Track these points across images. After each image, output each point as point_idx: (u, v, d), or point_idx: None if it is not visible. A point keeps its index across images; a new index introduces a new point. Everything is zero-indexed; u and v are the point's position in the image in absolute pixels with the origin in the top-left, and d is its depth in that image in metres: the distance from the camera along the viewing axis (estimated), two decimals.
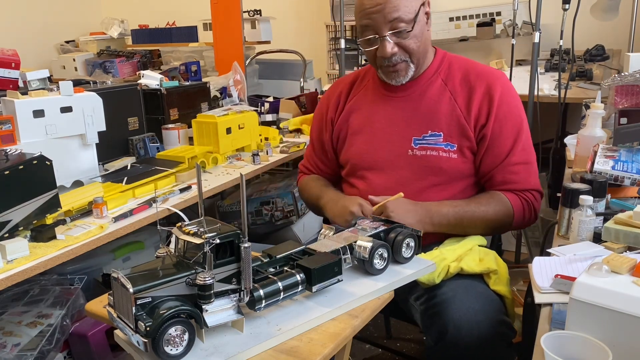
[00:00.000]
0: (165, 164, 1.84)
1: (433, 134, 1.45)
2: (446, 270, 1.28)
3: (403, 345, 2.26)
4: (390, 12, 1.36)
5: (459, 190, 1.47)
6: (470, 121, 1.43)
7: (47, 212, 1.39)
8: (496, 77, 1.47)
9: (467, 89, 1.46)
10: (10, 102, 1.57)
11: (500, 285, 1.32)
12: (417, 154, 1.46)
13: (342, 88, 1.64)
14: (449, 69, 1.50)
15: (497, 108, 1.43)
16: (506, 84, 1.48)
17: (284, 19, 4.10)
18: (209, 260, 0.89)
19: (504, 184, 1.45)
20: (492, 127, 1.43)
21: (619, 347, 0.75)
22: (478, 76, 1.47)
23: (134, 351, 0.92)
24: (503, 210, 1.43)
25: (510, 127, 1.44)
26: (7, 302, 1.81)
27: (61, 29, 4.58)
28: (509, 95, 1.46)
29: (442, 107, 1.46)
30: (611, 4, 2.72)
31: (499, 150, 1.44)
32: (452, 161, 1.44)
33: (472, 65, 1.51)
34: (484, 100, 1.43)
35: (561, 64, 2.60)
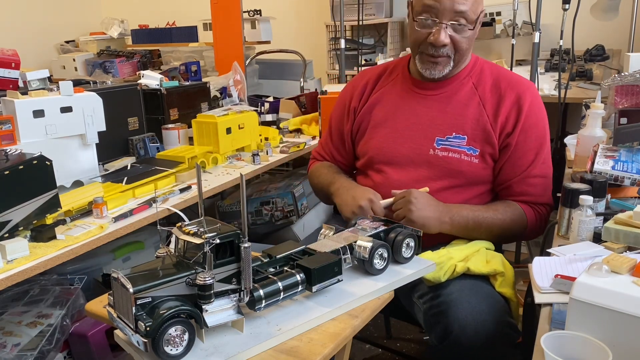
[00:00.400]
0: (165, 164, 1.84)
1: (457, 136, 1.45)
2: (453, 269, 1.28)
3: (403, 345, 2.26)
4: (459, 3, 1.35)
5: (475, 195, 1.47)
6: (496, 128, 1.44)
7: (47, 212, 1.39)
8: (526, 87, 1.47)
9: (497, 96, 1.46)
10: (10, 102, 1.57)
11: (506, 287, 1.32)
12: (438, 155, 1.46)
13: (369, 78, 1.63)
14: (481, 73, 1.50)
15: (525, 118, 1.43)
16: (535, 95, 1.48)
17: (284, 19, 4.10)
18: (209, 260, 0.89)
19: (521, 195, 1.46)
20: (517, 137, 1.43)
21: (619, 347, 0.75)
22: (509, 84, 1.47)
23: (134, 351, 0.92)
24: (518, 221, 1.44)
25: (535, 138, 1.45)
26: (7, 302, 1.81)
27: (61, 29, 4.58)
28: (537, 106, 1.46)
29: (469, 111, 1.46)
30: (611, 4, 2.72)
31: (521, 161, 1.44)
32: (472, 166, 1.44)
33: (504, 73, 1.52)
34: (512, 109, 1.44)
35: (561, 64, 2.60)
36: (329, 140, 1.73)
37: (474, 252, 1.36)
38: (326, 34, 3.85)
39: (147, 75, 2.32)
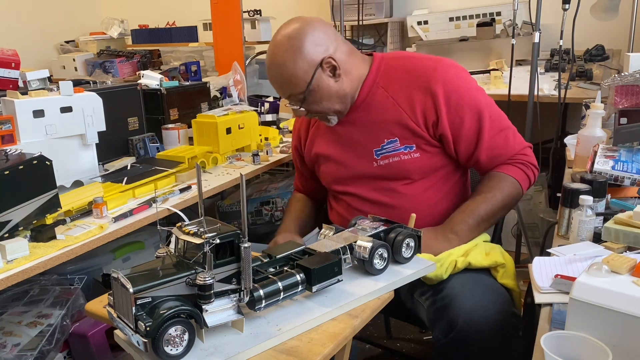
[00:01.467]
0: (165, 164, 1.84)
1: (390, 141, 1.46)
2: (453, 265, 1.30)
3: (403, 345, 2.26)
4: (283, 89, 1.44)
5: (435, 181, 1.48)
6: (419, 122, 1.43)
7: (47, 212, 1.39)
8: (433, 71, 1.43)
9: (407, 92, 1.44)
10: (10, 102, 1.57)
11: (508, 278, 1.35)
12: (381, 164, 1.48)
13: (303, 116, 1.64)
14: (386, 75, 1.48)
15: (446, 103, 1.40)
16: (446, 74, 1.43)
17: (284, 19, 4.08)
18: (209, 260, 0.89)
19: (492, 161, 1.46)
20: (448, 122, 1.41)
21: (619, 347, 0.75)
22: (415, 75, 1.44)
23: (134, 351, 0.92)
24: (508, 186, 1.43)
25: (469, 111, 1.42)
26: (7, 302, 1.81)
27: (61, 29, 4.58)
28: (453, 83, 1.42)
29: (388, 115, 1.46)
30: (611, 4, 2.72)
31: (467, 137, 1.43)
32: (416, 161, 1.45)
33: (409, 63, 1.49)
34: (426, 100, 1.42)
35: (561, 64, 2.60)
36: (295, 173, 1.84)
37: (473, 246, 1.37)
38: None
39: (147, 75, 2.32)
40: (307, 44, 1.37)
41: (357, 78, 1.48)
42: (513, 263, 1.37)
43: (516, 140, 1.47)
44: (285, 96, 1.46)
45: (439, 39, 3.38)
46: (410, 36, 3.55)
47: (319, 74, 1.39)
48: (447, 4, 3.55)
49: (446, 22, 3.41)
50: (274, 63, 1.40)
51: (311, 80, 1.39)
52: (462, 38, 3.27)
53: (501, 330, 1.21)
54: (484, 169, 1.48)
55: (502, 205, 1.42)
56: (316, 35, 1.39)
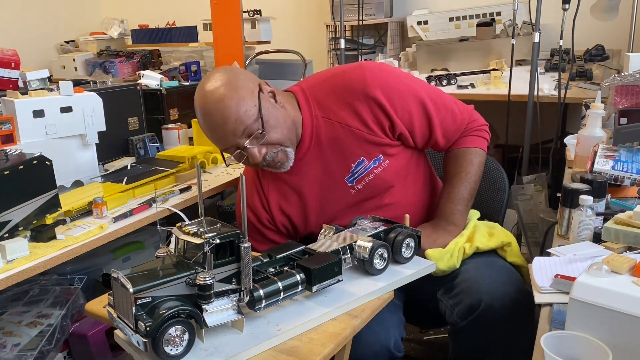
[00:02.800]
0: (165, 164, 1.84)
1: (357, 164, 1.41)
2: (462, 252, 1.34)
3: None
4: (236, 129, 1.27)
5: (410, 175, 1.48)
6: (374, 131, 1.39)
7: (47, 212, 1.39)
8: (362, 78, 1.38)
9: (349, 108, 1.39)
10: (10, 102, 1.57)
11: (515, 256, 1.40)
12: (358, 188, 1.43)
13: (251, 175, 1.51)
14: (319, 103, 1.42)
15: (390, 102, 1.38)
16: (376, 77, 1.39)
17: (284, 19, 4.10)
18: (209, 260, 0.89)
19: (448, 140, 1.49)
20: (399, 119, 1.39)
21: (619, 347, 0.75)
22: (347, 90, 1.39)
23: (134, 351, 0.92)
24: (474, 157, 1.47)
25: (412, 101, 1.40)
26: (7, 302, 1.81)
27: (61, 29, 4.57)
28: (386, 82, 1.39)
29: (343, 139, 1.40)
30: (611, 4, 2.72)
31: (420, 126, 1.43)
32: (388, 168, 1.43)
33: (332, 81, 1.43)
34: (371, 107, 1.38)
35: (561, 64, 2.60)
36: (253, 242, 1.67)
37: (472, 229, 1.41)
38: (326, 34, 3.85)
39: (147, 75, 2.32)
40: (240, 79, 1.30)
41: (295, 114, 1.40)
42: (515, 240, 1.42)
43: (462, 112, 1.48)
44: (238, 136, 1.28)
45: (439, 39, 3.38)
46: (410, 36, 3.55)
47: (264, 99, 1.31)
48: (447, 4, 3.55)
49: (446, 22, 3.41)
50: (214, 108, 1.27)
51: (260, 107, 1.29)
52: (462, 38, 3.27)
53: (519, 309, 1.25)
54: (444, 148, 1.51)
55: (477, 178, 1.47)
56: (242, 71, 1.38)
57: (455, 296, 1.32)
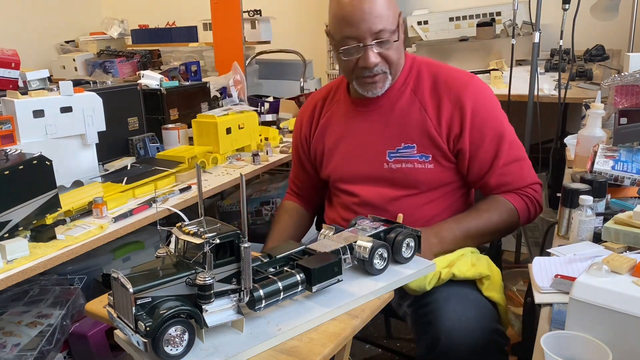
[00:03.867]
0: (165, 164, 1.84)
1: (406, 146, 1.43)
2: (437, 277, 1.26)
3: (403, 345, 2.26)
4: (375, 22, 1.32)
5: (438, 196, 1.46)
6: (441, 133, 1.41)
7: (47, 212, 1.39)
8: (465, 85, 1.42)
9: (436, 100, 1.42)
10: (10, 102, 1.57)
11: (493, 291, 1.30)
12: (392, 167, 1.44)
13: (315, 104, 1.63)
14: (418, 77, 1.46)
15: (472, 118, 1.39)
16: (477, 91, 1.43)
17: (284, 19, 4.10)
18: (209, 260, 0.89)
19: (499, 187, 1.44)
20: (469, 138, 1.40)
21: (619, 347, 0.75)
22: (446, 85, 1.42)
23: (134, 351, 0.92)
24: (506, 212, 1.41)
25: (491, 132, 1.41)
26: (7, 302, 1.81)
27: (61, 29, 4.58)
28: (482, 101, 1.42)
29: (412, 119, 1.43)
30: (611, 4, 2.72)
31: (484, 157, 1.41)
32: (429, 172, 1.43)
33: (442, 72, 1.46)
34: (454, 112, 1.40)
35: (561, 64, 2.60)
36: (294, 168, 1.76)
37: (459, 256, 1.33)
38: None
39: (147, 75, 2.32)
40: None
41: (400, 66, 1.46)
42: (500, 275, 1.33)
43: (529, 173, 1.46)
44: (370, 32, 1.33)
45: (439, 39, 3.38)
46: (410, 36, 3.55)
47: (400, 22, 1.39)
48: (447, 4, 3.55)
49: (446, 22, 3.41)
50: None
51: (398, 22, 1.37)
52: (462, 38, 3.27)
53: (483, 348, 1.18)
54: (490, 192, 1.46)
55: (495, 228, 1.40)
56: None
57: (421, 325, 1.26)
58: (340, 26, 1.36)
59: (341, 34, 1.37)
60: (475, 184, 1.48)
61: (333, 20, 1.39)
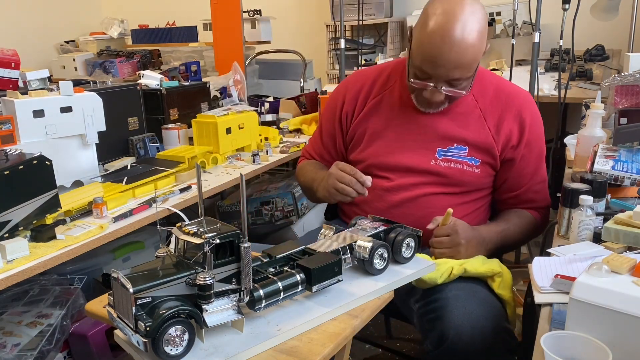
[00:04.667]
0: (165, 164, 1.84)
1: (459, 147, 1.46)
2: (449, 272, 1.26)
3: (403, 345, 2.26)
4: (454, 73, 1.32)
5: (472, 199, 1.49)
6: (498, 141, 1.44)
7: (47, 212, 1.39)
8: (526, 100, 1.48)
9: (499, 109, 1.46)
10: (10, 102, 1.57)
11: (505, 289, 1.31)
12: (440, 165, 1.45)
13: (364, 83, 1.58)
14: (480, 84, 1.47)
15: (529, 132, 1.45)
16: (535, 107, 1.50)
17: (284, 19, 4.10)
18: (209, 260, 0.89)
19: (528, 203, 1.50)
20: (522, 150, 1.45)
21: (619, 347, 0.75)
22: (509, 97, 1.47)
23: (134, 351, 0.92)
24: (532, 228, 1.49)
25: (538, 149, 1.48)
26: (7, 302, 1.81)
27: (61, 29, 4.58)
28: (537, 118, 1.49)
29: (470, 122, 1.45)
30: (611, 4, 2.72)
31: (526, 172, 1.47)
32: (474, 175, 1.45)
33: (503, 83, 1.51)
34: (514, 123, 1.45)
35: (561, 64, 2.60)
36: (319, 140, 1.70)
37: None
38: (326, 34, 3.86)
39: (147, 75, 2.32)
40: (484, 21, 1.31)
41: None
42: (510, 274, 1.34)
43: (547, 195, 1.53)
44: (445, 77, 1.33)
45: None
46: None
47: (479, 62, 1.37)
48: None
49: None
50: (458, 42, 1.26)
51: (477, 67, 1.36)
52: None
53: (491, 346, 1.18)
54: (518, 204, 1.51)
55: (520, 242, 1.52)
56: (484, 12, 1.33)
57: (429, 321, 1.26)
58: (420, 58, 1.34)
59: (420, 64, 1.35)
60: (504, 195, 1.52)
61: (418, 46, 1.35)
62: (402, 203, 1.46)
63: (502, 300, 1.30)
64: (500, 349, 1.21)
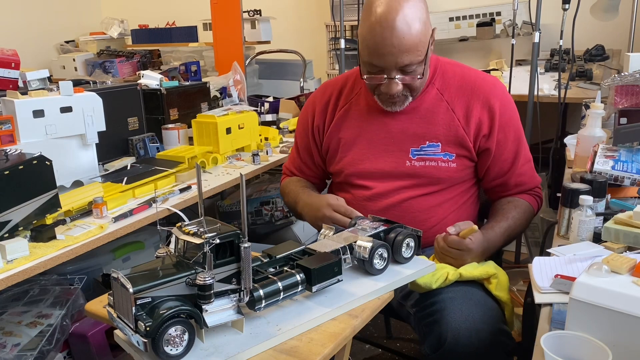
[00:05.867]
0: (165, 164, 1.84)
1: (431, 145, 1.44)
2: (444, 277, 1.25)
3: (403, 345, 2.26)
4: (402, 58, 1.31)
5: (454, 195, 1.48)
6: (469, 132, 1.43)
7: (47, 212, 1.39)
8: (493, 85, 1.46)
9: (465, 99, 1.44)
10: (10, 102, 1.57)
11: (502, 291, 1.30)
12: (415, 165, 1.45)
13: (331, 93, 1.59)
14: (443, 77, 1.47)
15: (500, 118, 1.43)
16: (503, 91, 1.47)
17: (284, 19, 4.10)
18: (209, 260, 0.89)
19: (517, 187, 1.49)
20: (496, 137, 1.44)
21: (619, 347, 0.75)
22: (474, 85, 1.45)
23: (134, 351, 0.92)
24: (528, 214, 1.48)
25: (513, 133, 1.46)
26: (7, 302, 1.81)
27: (61, 29, 4.57)
28: (507, 102, 1.46)
29: (439, 118, 1.44)
30: (611, 4, 2.72)
31: (506, 157, 1.46)
32: (450, 170, 1.44)
33: (467, 72, 1.49)
34: (483, 111, 1.43)
35: (561, 64, 2.60)
36: (297, 156, 1.70)
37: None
38: (326, 34, 3.86)
39: (147, 75, 2.32)
40: (424, 11, 1.33)
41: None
42: (506, 276, 1.34)
43: (535, 174, 1.52)
44: (396, 65, 1.32)
45: (439, 39, 3.38)
46: None
47: (430, 46, 1.36)
48: (447, 4, 3.55)
49: (446, 22, 3.41)
50: (396, 28, 1.27)
51: (427, 49, 1.35)
52: (462, 38, 3.27)
53: (489, 348, 1.18)
54: (506, 191, 1.50)
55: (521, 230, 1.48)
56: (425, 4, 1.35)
57: (426, 325, 1.25)
58: (367, 52, 1.35)
59: (368, 58, 1.36)
60: (491, 184, 1.50)
61: (362, 41, 1.36)
62: (385, 210, 1.45)
63: (498, 301, 1.29)
64: (497, 351, 1.20)
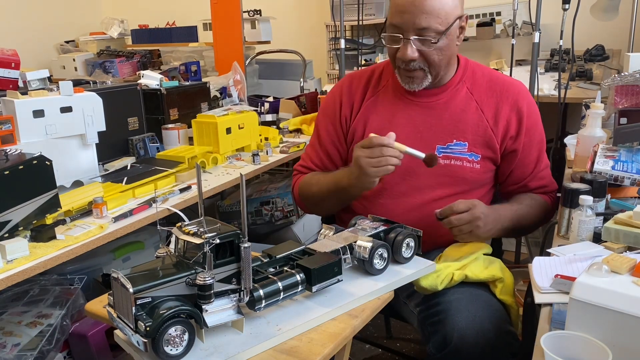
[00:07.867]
0: (165, 164, 1.84)
1: (458, 143, 1.44)
2: (450, 278, 1.24)
3: (403, 345, 2.26)
4: (421, 19, 1.31)
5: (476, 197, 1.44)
6: (497, 133, 1.44)
7: (47, 212, 1.39)
8: (520, 89, 1.49)
9: (494, 100, 1.45)
10: (10, 102, 1.57)
11: (507, 295, 1.30)
12: (440, 163, 1.42)
13: (358, 85, 1.57)
14: (473, 77, 1.48)
15: (527, 120, 1.45)
16: (529, 95, 1.50)
17: (284, 19, 4.10)
18: (209, 260, 0.89)
19: (538, 189, 1.50)
20: (523, 140, 1.45)
21: (619, 347, 0.75)
22: (504, 87, 1.47)
23: (134, 351, 0.92)
24: (544, 212, 1.49)
25: (537, 137, 1.48)
26: (7, 302, 1.81)
27: (61, 29, 4.57)
28: (533, 106, 1.49)
29: (468, 117, 1.44)
30: (611, 4, 2.72)
31: (530, 160, 1.47)
32: (475, 171, 1.44)
33: (494, 74, 1.51)
34: (512, 113, 1.44)
35: (561, 64, 2.60)
36: (319, 148, 1.61)
37: (472, 259, 1.31)
38: (326, 34, 3.86)
39: (147, 75, 2.32)
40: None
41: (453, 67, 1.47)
42: (512, 278, 1.32)
43: (553, 179, 1.54)
44: (415, 26, 1.31)
45: None
46: None
47: (456, 25, 1.36)
48: None
49: None
50: None
51: (451, 25, 1.34)
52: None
53: (496, 349, 1.17)
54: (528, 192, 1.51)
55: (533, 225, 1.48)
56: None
57: (432, 324, 1.24)
58: (391, 11, 1.37)
59: (389, 19, 1.38)
60: (512, 187, 1.51)
61: (392, 4, 1.38)
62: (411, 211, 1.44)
63: (504, 303, 1.29)
64: (503, 351, 1.20)
